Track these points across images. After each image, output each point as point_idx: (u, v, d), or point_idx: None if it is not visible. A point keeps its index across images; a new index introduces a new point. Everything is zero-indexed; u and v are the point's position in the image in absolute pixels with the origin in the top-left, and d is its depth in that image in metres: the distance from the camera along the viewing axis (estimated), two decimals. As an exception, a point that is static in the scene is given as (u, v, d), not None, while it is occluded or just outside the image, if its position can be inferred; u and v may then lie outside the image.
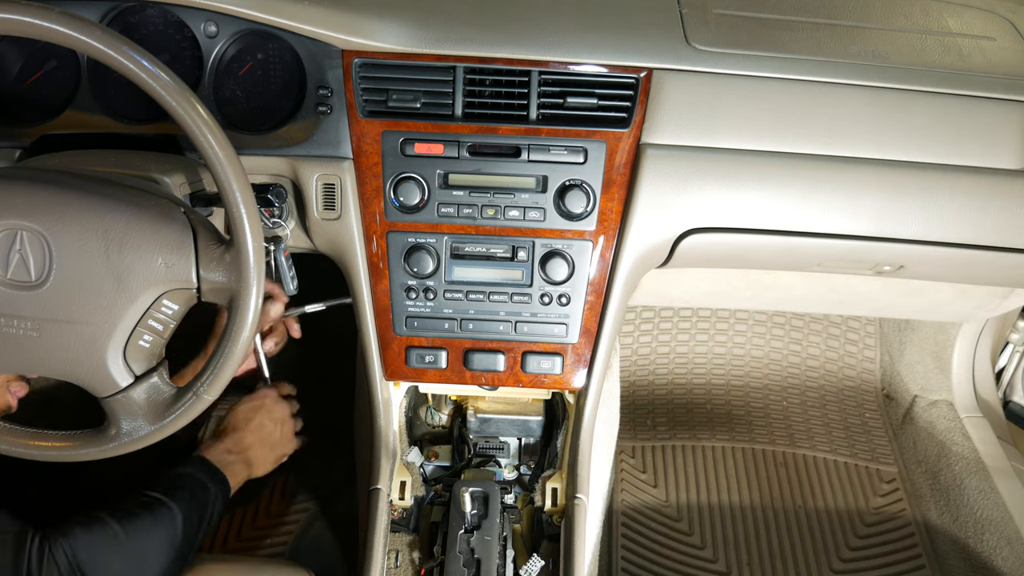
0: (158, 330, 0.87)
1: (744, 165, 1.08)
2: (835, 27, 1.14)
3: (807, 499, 1.74)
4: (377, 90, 1.07)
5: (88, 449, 0.91)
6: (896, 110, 1.08)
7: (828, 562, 1.63)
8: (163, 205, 0.87)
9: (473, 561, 1.09)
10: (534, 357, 1.16)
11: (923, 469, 1.78)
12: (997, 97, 1.08)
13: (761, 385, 2.00)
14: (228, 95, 1.12)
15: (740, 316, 2.03)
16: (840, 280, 1.58)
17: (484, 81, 1.08)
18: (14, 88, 1.13)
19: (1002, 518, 1.59)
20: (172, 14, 1.09)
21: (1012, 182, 1.08)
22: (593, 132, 1.08)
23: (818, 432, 1.90)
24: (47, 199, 0.83)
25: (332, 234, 1.12)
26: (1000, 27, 1.19)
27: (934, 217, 1.09)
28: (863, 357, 2.02)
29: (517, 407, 1.32)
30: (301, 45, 1.09)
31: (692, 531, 1.68)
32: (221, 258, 0.86)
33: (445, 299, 1.14)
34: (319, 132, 1.08)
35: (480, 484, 1.18)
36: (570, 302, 1.13)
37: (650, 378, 2.01)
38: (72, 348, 0.85)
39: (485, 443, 1.31)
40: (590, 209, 1.10)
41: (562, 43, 1.06)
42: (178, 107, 0.79)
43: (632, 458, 1.82)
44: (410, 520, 1.21)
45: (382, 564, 1.15)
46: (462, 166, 1.09)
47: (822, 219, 1.10)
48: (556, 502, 1.21)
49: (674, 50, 1.07)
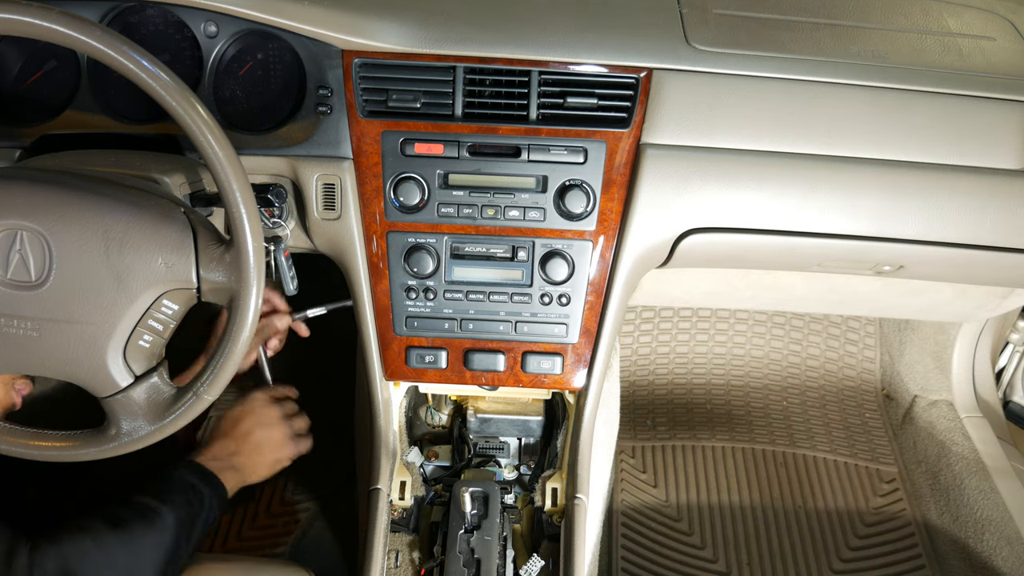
0: (158, 330, 0.87)
1: (744, 165, 1.08)
2: (835, 27, 1.14)
3: (807, 499, 1.74)
4: (377, 90, 1.07)
5: (88, 449, 0.91)
6: (896, 110, 1.08)
7: (828, 562, 1.63)
8: (163, 205, 0.87)
9: (473, 561, 1.09)
10: (534, 357, 1.16)
11: (923, 469, 1.78)
12: (997, 97, 1.08)
13: (761, 385, 2.00)
14: (228, 95, 1.12)
15: (740, 316, 2.03)
16: (840, 280, 1.58)
17: (484, 81, 1.08)
18: (14, 88, 1.12)
19: (1002, 518, 1.59)
20: (172, 14, 1.09)
21: (1012, 182, 1.08)
22: (593, 132, 1.08)
23: (818, 432, 1.90)
24: (47, 199, 0.83)
25: (332, 234, 1.12)
26: (1000, 27, 1.19)
27: (934, 217, 1.09)
28: (863, 357, 2.02)
29: (517, 407, 1.32)
30: (301, 45, 1.09)
31: (692, 531, 1.68)
32: (221, 258, 0.86)
33: (445, 299, 1.14)
34: (319, 132, 1.08)
35: (480, 484, 1.18)
36: (570, 302, 1.13)
37: (650, 378, 2.01)
38: (72, 348, 0.85)
39: (485, 443, 1.31)
40: (590, 209, 1.10)
41: (562, 43, 1.06)
42: (178, 107, 0.79)
43: (632, 458, 1.82)
44: (410, 520, 1.21)
45: (382, 564, 1.15)
46: (462, 166, 1.09)
47: (822, 219, 1.10)
48: (556, 502, 1.21)
49: (674, 50, 1.07)
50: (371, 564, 1.14)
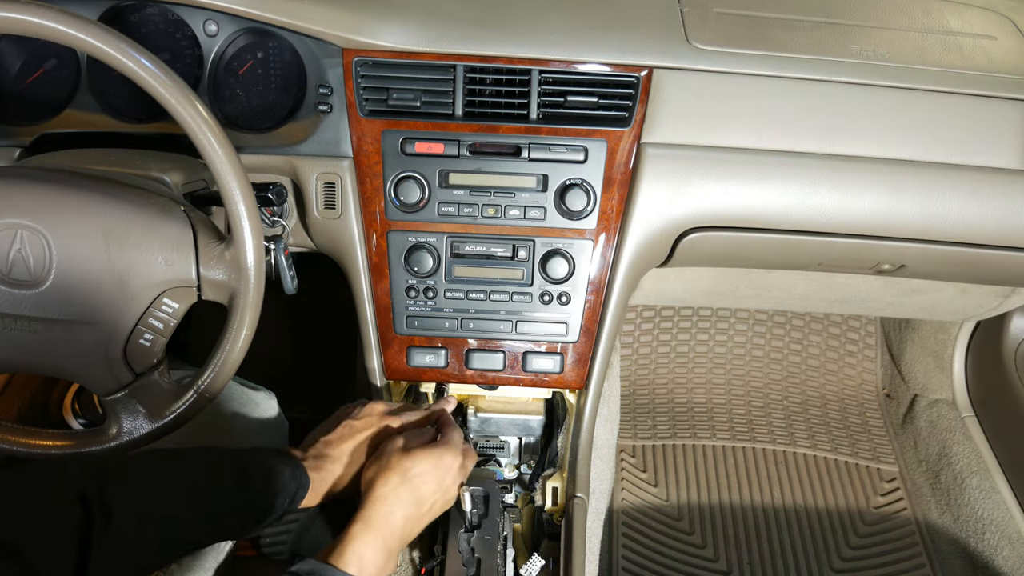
0: (159, 328, 0.87)
1: (745, 164, 1.08)
2: (836, 26, 1.14)
3: (807, 498, 1.74)
4: (377, 89, 1.07)
5: (89, 448, 0.91)
6: (897, 109, 1.08)
7: (829, 561, 1.63)
8: (163, 204, 0.87)
9: (473, 560, 1.08)
10: (534, 356, 1.16)
11: (924, 468, 1.78)
12: (999, 96, 1.07)
13: (761, 384, 2.00)
14: (228, 94, 1.11)
15: (740, 315, 2.03)
16: (841, 279, 1.58)
17: (484, 80, 1.07)
18: (14, 87, 1.12)
19: (1003, 517, 1.59)
20: (172, 12, 1.09)
21: (1013, 181, 1.08)
22: (593, 131, 1.08)
23: (818, 432, 1.89)
24: (47, 198, 0.83)
25: (332, 233, 1.12)
26: (1002, 26, 1.19)
27: (935, 215, 1.09)
28: (864, 356, 2.02)
29: (517, 406, 1.32)
30: (301, 44, 1.08)
31: (693, 530, 1.68)
32: (221, 256, 0.86)
33: (445, 298, 1.13)
34: (319, 131, 1.08)
35: (480, 483, 1.18)
36: (570, 301, 1.13)
37: (650, 377, 2.01)
38: (72, 347, 0.85)
39: (485, 442, 1.30)
40: (590, 208, 1.10)
41: (563, 42, 1.06)
42: (178, 106, 0.79)
43: (632, 457, 1.82)
44: (410, 519, 1.20)
45: (382, 563, 1.15)
46: (462, 165, 1.09)
47: (823, 217, 1.10)
48: (556, 501, 1.21)
49: (675, 49, 1.07)
50: (371, 563, 1.13)
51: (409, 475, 0.90)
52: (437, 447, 0.96)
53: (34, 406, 1.35)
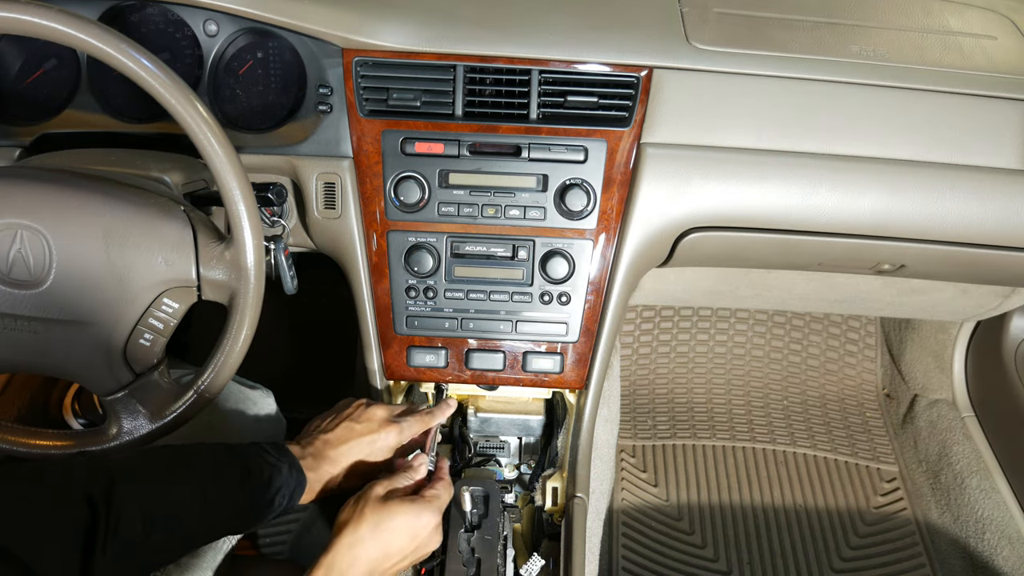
0: (159, 328, 0.87)
1: (745, 164, 1.08)
2: (835, 26, 1.14)
3: (807, 498, 1.74)
4: (377, 89, 1.07)
5: (89, 448, 0.91)
6: (897, 109, 1.08)
7: (829, 561, 1.63)
8: (163, 203, 0.87)
9: (473, 560, 1.08)
10: (534, 356, 1.16)
11: (924, 468, 1.78)
12: (999, 96, 1.07)
13: (761, 384, 2.00)
14: (228, 94, 1.11)
15: (740, 315, 2.03)
16: (841, 279, 1.58)
17: (484, 80, 1.07)
18: (14, 87, 1.12)
19: (1003, 517, 1.59)
20: (172, 12, 1.09)
21: (1013, 181, 1.08)
22: (593, 131, 1.08)
23: (818, 432, 1.90)
24: (47, 198, 0.83)
25: (332, 233, 1.12)
26: (1002, 26, 1.19)
27: (935, 215, 1.09)
28: (863, 356, 2.02)
29: (517, 406, 1.32)
30: (301, 44, 1.08)
31: (693, 530, 1.68)
32: (221, 256, 0.86)
33: (445, 298, 1.13)
34: (319, 131, 1.08)
35: (480, 483, 1.18)
36: (570, 301, 1.13)
37: (650, 377, 2.01)
38: (73, 347, 0.85)
39: (485, 442, 1.30)
40: (590, 208, 1.10)
41: (563, 42, 1.06)
42: (178, 105, 0.79)
43: (632, 457, 1.82)
44: (410, 519, 1.20)
45: (382, 563, 1.14)
46: (462, 165, 1.09)
47: (823, 217, 1.10)
48: (556, 501, 1.21)
49: (674, 49, 1.07)
50: (371, 563, 1.13)
51: (380, 528, 0.87)
52: (417, 503, 0.91)
53: (34, 406, 1.35)
